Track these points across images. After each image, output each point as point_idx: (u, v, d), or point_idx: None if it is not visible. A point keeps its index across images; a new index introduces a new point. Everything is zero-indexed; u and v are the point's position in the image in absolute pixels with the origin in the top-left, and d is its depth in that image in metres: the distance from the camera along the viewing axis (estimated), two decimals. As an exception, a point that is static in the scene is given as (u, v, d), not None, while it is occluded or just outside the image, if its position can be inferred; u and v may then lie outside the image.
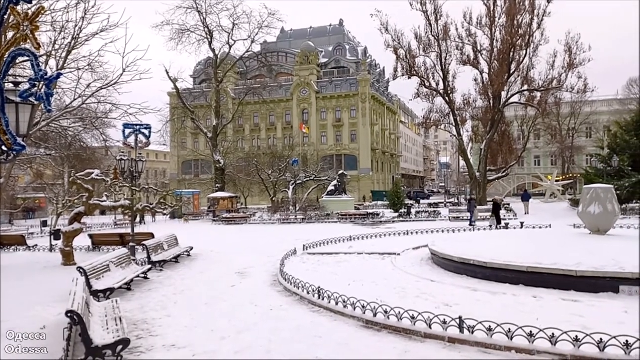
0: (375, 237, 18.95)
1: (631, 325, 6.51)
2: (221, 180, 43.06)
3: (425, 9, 35.99)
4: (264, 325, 7.74)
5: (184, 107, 43.94)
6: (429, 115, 39.75)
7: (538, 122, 47.03)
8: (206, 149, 54.26)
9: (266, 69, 55.19)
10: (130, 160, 15.44)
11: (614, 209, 12.51)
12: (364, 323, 7.53)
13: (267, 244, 19.37)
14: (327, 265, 13.04)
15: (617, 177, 29.70)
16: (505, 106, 37.82)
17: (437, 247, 12.47)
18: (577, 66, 34.07)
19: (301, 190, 44.95)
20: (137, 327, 7.90)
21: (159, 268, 13.60)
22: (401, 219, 30.82)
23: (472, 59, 36.66)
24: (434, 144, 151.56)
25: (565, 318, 6.98)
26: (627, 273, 8.51)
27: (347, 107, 69.64)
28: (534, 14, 34.41)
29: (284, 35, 77.79)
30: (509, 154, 42.59)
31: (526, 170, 63.40)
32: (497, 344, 6.12)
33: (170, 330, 7.66)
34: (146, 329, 7.82)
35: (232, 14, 41.69)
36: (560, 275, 9.01)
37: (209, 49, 43.51)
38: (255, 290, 10.51)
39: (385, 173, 78.17)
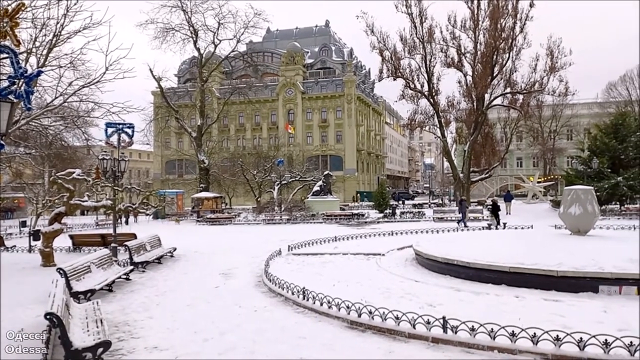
0: (360, 237, 19.00)
1: (610, 325, 6.62)
2: (205, 180, 42.73)
3: (410, 11, 36.33)
4: (247, 326, 7.69)
5: (168, 106, 43.49)
6: (414, 117, 40.08)
7: (520, 124, 47.73)
8: (190, 148, 53.79)
9: (252, 68, 55.00)
10: (113, 160, 15.24)
11: (594, 210, 12.72)
12: (348, 323, 7.53)
13: (252, 244, 19.27)
14: (312, 265, 13.02)
15: (596, 179, 30.28)
16: (488, 108, 38.30)
17: (421, 247, 12.55)
18: (558, 70, 34.71)
19: (286, 191, 44.87)
20: (118, 329, 7.78)
21: (141, 269, 13.43)
22: (386, 220, 30.96)
23: (456, 62, 37.08)
24: (419, 145, 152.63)
25: (547, 317, 7.07)
26: (606, 273, 8.66)
27: (333, 107, 69.76)
28: (517, 18, 34.98)
29: (270, 35, 77.59)
30: (492, 156, 43.13)
31: (509, 171, 64.25)
32: (480, 344, 6.17)
33: (152, 332, 7.56)
34: (128, 330, 7.70)
35: (218, 14, 41.47)
36: (542, 275, 9.13)
37: (194, 48, 43.21)
38: (240, 291, 10.44)
39: (370, 174, 78.50)
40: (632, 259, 9.07)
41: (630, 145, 31.56)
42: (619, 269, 8.68)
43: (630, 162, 31.33)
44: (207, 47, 44.16)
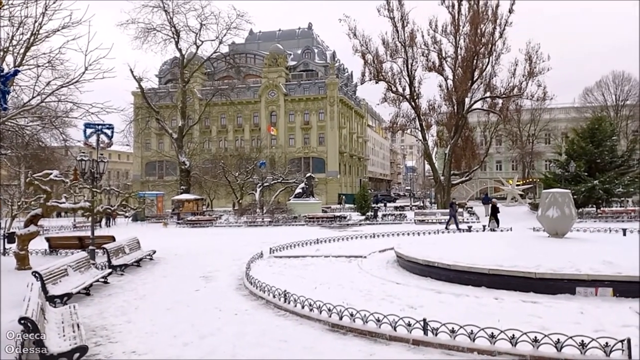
0: (342, 240, 19.02)
1: (586, 326, 6.75)
2: (186, 182, 42.32)
3: (392, 15, 36.57)
4: (228, 329, 7.62)
5: (149, 107, 42.98)
6: (396, 120, 40.30)
7: (500, 128, 48.39)
8: (171, 150, 53.24)
9: (234, 70, 54.65)
10: (91, 161, 14.97)
11: (571, 213, 12.94)
12: (329, 326, 7.52)
13: (233, 247, 19.14)
14: (293, 268, 12.98)
15: (574, 182, 30.90)
16: (468, 112, 38.75)
17: (402, 249, 12.62)
18: (536, 74, 35.29)
19: (268, 193, 44.70)
20: (95, 333, 7.64)
21: (119, 272, 13.22)
22: (368, 222, 31.07)
23: (437, 66, 37.43)
24: (400, 148, 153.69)
25: (525, 319, 7.17)
26: (582, 275, 8.82)
27: (316, 110, 69.83)
28: (496, 24, 35.47)
29: (253, 37, 77.35)
30: (472, 159, 43.65)
31: (488, 174, 65.12)
32: (460, 346, 6.23)
33: (131, 337, 7.44)
34: (105, 335, 7.57)
35: (200, 14, 41.19)
36: (521, 277, 9.26)
37: (176, 49, 42.87)
38: (220, 295, 10.34)
39: (352, 176, 78.74)
40: (608, 261, 9.26)
41: (605, 149, 32.30)
42: (594, 271, 8.85)
43: (605, 166, 32.05)
44: (189, 48, 43.88)
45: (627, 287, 8.51)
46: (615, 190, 31.05)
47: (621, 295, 8.47)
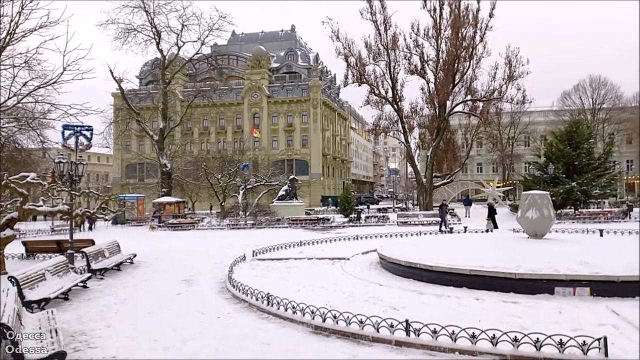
0: (326, 242, 19.03)
1: (565, 325, 6.87)
2: (167, 184, 41.83)
3: (374, 18, 36.79)
4: (210, 333, 7.56)
5: (129, 108, 42.39)
6: (379, 122, 40.53)
7: (480, 131, 49.07)
8: (152, 152, 52.68)
9: (216, 71, 54.30)
10: (70, 163, 14.70)
11: (550, 214, 13.16)
12: (312, 329, 7.51)
13: (215, 250, 18.99)
14: (276, 270, 12.93)
15: (552, 184, 31.47)
16: (450, 115, 39.17)
17: (385, 251, 12.68)
18: (516, 78, 35.85)
19: (251, 195, 44.49)
20: (74, 338, 7.49)
21: (99, 276, 13.00)
22: (351, 224, 31.16)
23: (419, 69, 37.77)
24: (383, 150, 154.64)
25: (505, 319, 7.26)
26: (561, 275, 8.97)
27: (299, 112, 69.83)
28: (477, 28, 35.95)
29: (235, 39, 77.05)
30: (453, 161, 44.13)
31: (469, 176, 65.96)
32: (442, 346, 6.28)
33: (111, 342, 7.32)
34: (84, 340, 7.43)
35: (181, 15, 40.81)
36: (501, 278, 9.37)
37: (157, 50, 42.30)
38: (202, 298, 10.25)
39: (335, 178, 78.91)
40: (585, 262, 9.44)
41: (583, 152, 32.97)
42: (572, 271, 9.01)
43: (583, 168, 32.72)
44: (170, 49, 43.42)
45: (603, 287, 8.69)
46: (593, 192, 31.74)
47: (598, 294, 8.65)
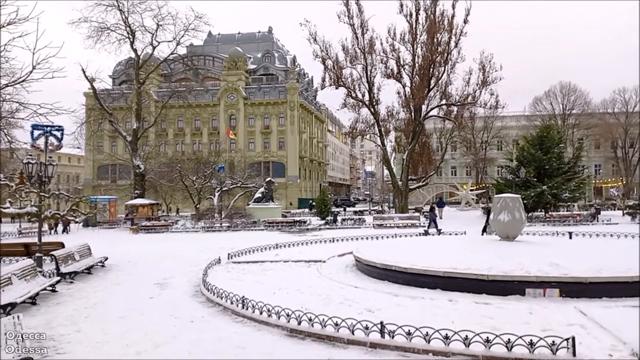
0: (302, 244, 19.00)
1: (535, 325, 7.03)
2: (141, 186, 41.07)
3: (352, 22, 37.05)
4: (183, 337, 7.45)
5: (102, 108, 41.52)
6: (355, 125, 40.77)
7: (455, 135, 49.88)
8: (125, 153, 51.66)
9: (192, 72, 53.71)
10: (39, 164, 14.29)
11: (521, 217, 13.46)
12: (288, 332, 7.48)
13: (190, 252, 18.72)
14: (252, 273, 12.84)
15: (524, 187, 32.16)
16: (425, 119, 39.69)
17: (361, 254, 12.73)
18: (489, 83, 36.59)
19: (227, 198, 44.10)
20: (42, 344, 7.26)
21: (69, 280, 12.67)
22: (327, 227, 31.19)
23: (396, 73, 38.17)
24: (360, 153, 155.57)
25: (478, 320, 7.38)
26: (532, 277, 9.17)
27: (276, 114, 69.64)
28: (452, 33, 36.56)
29: (211, 39, 76.38)
30: (428, 164, 44.71)
31: (444, 179, 66.83)
32: (416, 347, 6.34)
33: (81, 347, 7.14)
34: (53, 346, 7.21)
35: (156, 15, 40.17)
36: (474, 280, 9.53)
37: (131, 49, 41.55)
38: (176, 302, 10.09)
39: (312, 181, 78.93)
40: (555, 263, 9.68)
41: (553, 156, 33.84)
42: (543, 273, 9.22)
43: (553, 172, 33.56)
44: (145, 49, 42.70)
45: (572, 288, 8.93)
46: (562, 195, 32.59)
47: (567, 295, 8.87)
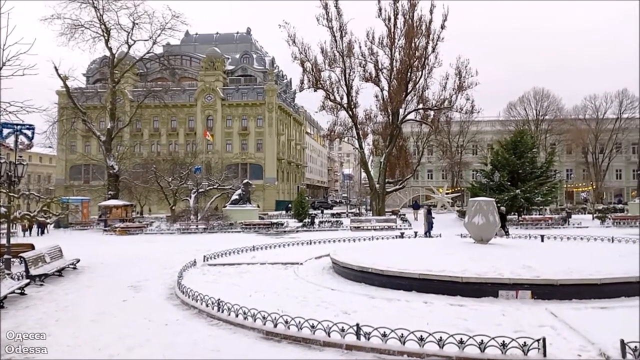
0: (279, 246, 18.94)
1: (507, 327, 7.17)
2: (115, 187, 40.33)
3: (331, 25, 37.18)
4: (157, 340, 7.33)
5: (75, 107, 40.63)
6: (333, 128, 40.90)
7: (431, 139, 50.50)
8: (99, 153, 50.65)
9: (168, 72, 53.04)
10: (8, 163, 13.88)
11: (495, 220, 13.70)
12: (264, 334, 7.44)
13: (165, 255, 18.47)
14: (228, 276, 12.73)
15: (498, 191, 32.78)
16: (402, 122, 40.09)
17: (338, 256, 12.77)
18: (465, 89, 37.19)
19: (204, 199, 43.65)
20: (10, 349, 7.05)
21: (39, 283, 12.34)
22: (305, 229, 31.17)
23: (374, 77, 38.46)
24: (338, 156, 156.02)
25: (452, 321, 7.48)
26: (504, 279, 9.35)
27: (254, 115, 69.26)
28: (429, 38, 37.05)
29: (189, 39, 75.50)
30: (405, 167, 45.16)
31: (420, 182, 67.58)
32: (391, 349, 6.39)
33: (51, 351, 6.95)
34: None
35: (132, 13, 39.55)
36: (448, 282, 9.66)
37: (106, 48, 40.79)
38: (150, 305, 9.93)
39: (290, 183, 78.77)
40: (527, 266, 9.90)
41: (527, 160, 34.60)
42: (515, 275, 9.41)
43: (526, 176, 34.31)
44: (120, 47, 41.98)
45: (544, 290, 9.13)
46: (535, 199, 33.33)
47: (539, 297, 9.07)
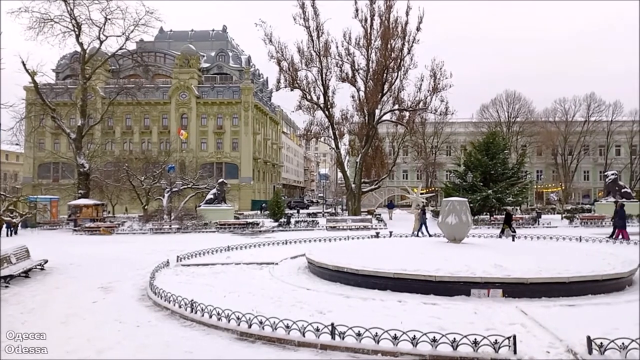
0: (254, 246, 18.81)
1: (479, 325, 7.28)
2: (85, 186, 39.34)
3: (307, 24, 37.19)
4: (129, 342, 7.18)
5: (44, 103, 39.48)
6: (310, 128, 40.94)
7: (406, 139, 51.01)
8: (69, 150, 49.37)
9: (142, 68, 51.91)
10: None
11: (468, 220, 13.92)
12: (238, 335, 7.37)
13: (137, 255, 18.11)
14: (202, 276, 12.56)
15: (471, 191, 33.35)
16: (378, 123, 40.39)
17: (313, 256, 12.75)
18: (440, 90, 37.73)
19: (177, 199, 43.02)
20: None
21: (4, 284, 11.91)
22: (281, 229, 31.06)
23: (350, 77, 38.64)
24: (314, 156, 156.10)
25: (426, 320, 7.55)
26: (477, 278, 9.50)
27: (229, 114, 68.67)
28: (405, 40, 37.46)
29: (163, 36, 74.33)
30: (381, 168, 45.51)
31: (395, 183, 68.26)
32: (366, 348, 6.41)
33: (17, 355, 6.71)
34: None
35: (105, 8, 38.63)
36: (422, 281, 9.75)
37: (76, 43, 39.73)
38: (121, 306, 9.72)
39: (266, 182, 78.42)
40: (498, 265, 10.08)
41: (498, 161, 35.30)
42: (487, 274, 9.58)
43: (498, 177, 35.01)
44: (92, 43, 40.98)
45: (514, 288, 9.32)
46: (507, 199, 34.04)
47: (510, 295, 9.25)
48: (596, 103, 66.16)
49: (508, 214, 23.05)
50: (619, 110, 66.24)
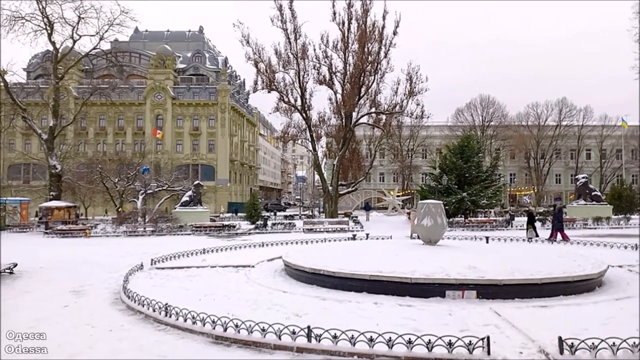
0: (231, 249, 18.64)
1: (454, 326, 7.36)
2: (57, 187, 38.38)
3: (285, 27, 37.17)
4: (101, 347, 7.02)
5: (14, 103, 38.41)
6: (287, 130, 40.89)
7: (383, 142, 51.48)
8: (40, 151, 48.12)
9: (116, 68, 50.98)
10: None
11: (443, 222, 14.08)
12: (213, 339, 7.29)
13: (110, 258, 17.76)
14: (177, 280, 12.38)
15: (446, 194, 33.81)
16: (355, 126, 40.60)
17: (290, 258, 12.71)
18: (416, 94, 38.17)
19: (152, 201, 42.35)
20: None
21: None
22: (257, 231, 30.91)
23: (328, 80, 38.77)
24: (292, 158, 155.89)
25: (401, 322, 7.60)
26: (451, 279, 9.61)
27: (206, 115, 68.05)
28: (382, 44, 37.79)
29: (138, 36, 73.24)
30: (358, 170, 45.76)
31: (372, 185, 68.73)
32: (341, 351, 6.41)
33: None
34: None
35: (78, 7, 37.77)
36: (398, 282, 9.81)
37: (48, 42, 38.79)
38: (93, 310, 9.50)
39: (243, 184, 77.93)
40: (472, 266, 10.23)
41: (473, 164, 35.89)
42: (461, 276, 9.69)
43: (473, 180, 35.58)
44: (65, 42, 40.09)
45: (488, 290, 9.45)
46: (481, 202, 34.64)
47: (483, 297, 9.38)
48: (567, 108, 68.02)
49: (530, 214, 22.87)
50: (589, 115, 68.34)
